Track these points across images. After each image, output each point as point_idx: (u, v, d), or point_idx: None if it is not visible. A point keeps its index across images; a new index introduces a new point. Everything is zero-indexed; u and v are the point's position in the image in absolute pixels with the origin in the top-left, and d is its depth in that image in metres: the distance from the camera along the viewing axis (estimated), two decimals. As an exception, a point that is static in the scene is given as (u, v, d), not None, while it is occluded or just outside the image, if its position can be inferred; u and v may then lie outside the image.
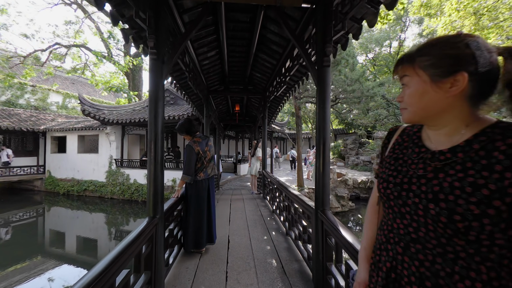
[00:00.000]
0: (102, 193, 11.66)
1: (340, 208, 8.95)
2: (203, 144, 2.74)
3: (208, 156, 2.78)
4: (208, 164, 2.77)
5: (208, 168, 2.78)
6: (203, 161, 2.71)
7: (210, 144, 2.86)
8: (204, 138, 2.81)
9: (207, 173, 2.77)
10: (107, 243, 7.97)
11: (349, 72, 7.07)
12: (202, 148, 2.70)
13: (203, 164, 2.72)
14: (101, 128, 11.50)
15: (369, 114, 10.28)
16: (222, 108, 8.04)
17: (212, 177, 2.88)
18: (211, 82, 5.46)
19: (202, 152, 2.70)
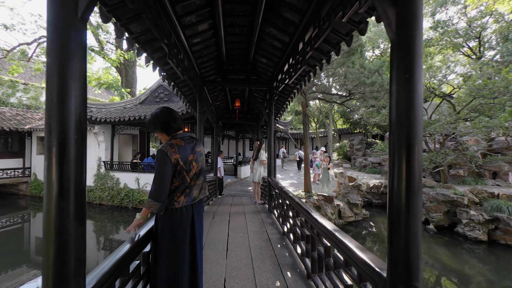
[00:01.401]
0: (90, 199, 10.68)
1: (354, 217, 7.95)
2: (187, 150, 1.72)
3: (195, 169, 1.76)
4: (194, 182, 1.76)
5: (194, 189, 1.76)
6: (184, 176, 1.69)
7: (199, 150, 1.84)
8: (189, 140, 1.80)
9: (192, 196, 1.74)
10: (95, 253, 7.26)
11: (367, 62, 6.12)
12: (184, 155, 1.68)
13: (185, 182, 1.70)
14: (89, 128, 10.51)
15: (382, 112, 9.26)
16: (220, 104, 7.05)
17: (201, 201, 1.86)
18: (205, 70, 4.47)
19: (184, 162, 1.67)
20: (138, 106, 11.04)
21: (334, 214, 7.69)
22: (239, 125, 9.65)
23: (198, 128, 4.51)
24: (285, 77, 3.56)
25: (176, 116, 1.79)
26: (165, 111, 1.78)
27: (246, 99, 6.27)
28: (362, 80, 6.26)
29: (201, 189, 1.82)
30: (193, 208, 1.75)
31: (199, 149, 1.82)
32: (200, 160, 1.82)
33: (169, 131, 1.77)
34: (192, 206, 1.74)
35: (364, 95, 6.93)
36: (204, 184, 1.86)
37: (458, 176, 9.43)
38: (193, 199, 1.74)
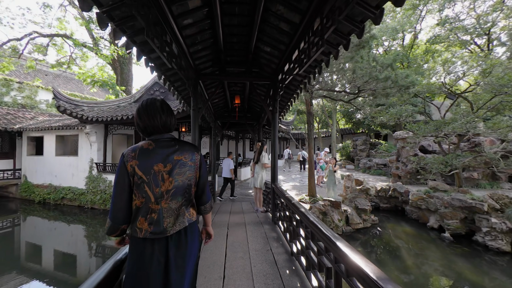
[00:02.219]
0: (81, 202, 10.13)
1: (362, 224, 7.39)
2: (154, 157, 1.21)
3: (166, 185, 1.21)
4: (165, 205, 1.21)
5: (165, 214, 1.21)
6: (146, 192, 1.18)
7: (180, 158, 1.26)
8: (166, 144, 1.26)
9: (162, 225, 1.19)
10: (87, 259, 6.78)
11: (379, 56, 5.58)
12: (145, 163, 1.18)
13: (148, 201, 1.19)
14: (80, 127, 9.96)
15: (391, 111, 8.69)
16: (219, 102, 6.48)
17: (178, 236, 1.23)
18: (201, 61, 3.91)
19: (144, 172, 1.18)
20: (132, 104, 10.47)
21: (341, 220, 7.12)
22: (239, 124, 9.09)
23: (192, 127, 3.95)
24: (293, 66, 2.99)
25: (149, 116, 1.25)
26: (143, 103, 1.29)
27: (247, 96, 5.70)
28: (374, 75, 5.70)
29: (178, 216, 1.23)
30: (167, 245, 1.18)
31: (179, 157, 1.25)
32: (180, 174, 1.24)
33: (142, 132, 1.29)
34: (165, 241, 1.18)
35: (375, 92, 6.37)
36: (183, 210, 1.26)
37: (472, 179, 8.89)
38: (163, 231, 1.18)
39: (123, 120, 8.75)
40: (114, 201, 1.18)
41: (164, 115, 1.27)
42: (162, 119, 1.26)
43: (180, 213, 1.24)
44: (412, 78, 5.99)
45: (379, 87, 5.92)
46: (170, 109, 1.33)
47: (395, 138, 10.88)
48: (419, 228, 7.72)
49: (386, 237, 7.19)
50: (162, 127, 1.27)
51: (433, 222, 7.52)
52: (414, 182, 10.53)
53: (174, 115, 1.34)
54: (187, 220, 1.26)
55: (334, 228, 6.91)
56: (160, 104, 1.29)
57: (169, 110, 1.31)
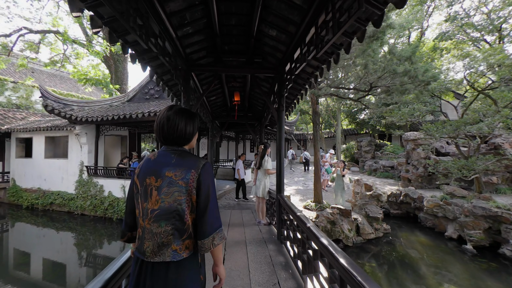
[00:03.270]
0: (71, 208, 9.49)
1: (374, 234, 6.73)
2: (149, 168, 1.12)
3: (152, 203, 1.07)
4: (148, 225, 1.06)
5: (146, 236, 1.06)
6: (138, 206, 1.11)
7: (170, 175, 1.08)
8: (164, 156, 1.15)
9: (142, 247, 1.06)
10: (77, 269, 6.37)
11: (396, 48, 4.96)
12: (142, 173, 1.12)
13: (138, 215, 1.12)
14: (69, 128, 9.33)
15: (402, 110, 8.05)
16: (216, 100, 5.85)
17: (158, 269, 1.03)
18: (193, 49, 3.28)
19: (140, 182, 1.11)
20: (125, 103, 9.85)
21: (351, 230, 6.47)
22: (239, 124, 8.45)
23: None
24: (308, 50, 2.35)
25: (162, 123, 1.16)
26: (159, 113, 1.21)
27: (247, 92, 5.06)
28: (391, 68, 5.06)
29: (161, 244, 1.04)
30: (147, 273, 1.04)
31: (170, 173, 1.08)
32: (167, 194, 1.06)
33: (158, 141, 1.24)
34: (148, 268, 1.04)
35: (389, 89, 5.72)
36: (170, 240, 1.04)
37: (490, 184, 8.22)
38: (143, 253, 1.06)
39: (114, 120, 8.12)
40: (125, 206, 1.21)
41: (168, 125, 1.15)
42: (173, 128, 1.15)
43: (164, 242, 1.04)
44: (433, 73, 5.35)
45: (396, 82, 5.28)
46: (182, 118, 1.17)
47: (405, 140, 10.23)
48: (435, 238, 7.06)
49: (400, 249, 6.53)
50: (164, 139, 1.18)
51: (451, 232, 6.87)
52: (426, 186, 9.88)
53: (188, 125, 1.18)
54: (171, 254, 1.03)
55: (344, 239, 6.26)
56: (169, 114, 1.16)
57: (185, 119, 1.17)
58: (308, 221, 2.18)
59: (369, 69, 5.87)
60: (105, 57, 12.87)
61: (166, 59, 2.48)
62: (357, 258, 6.12)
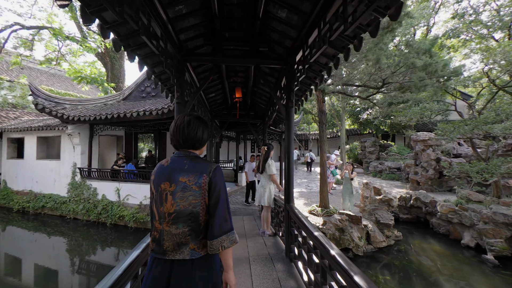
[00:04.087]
0: (63, 212, 9.03)
1: (386, 242, 6.26)
2: (163, 174, 1.19)
3: (167, 206, 1.13)
4: (167, 227, 1.13)
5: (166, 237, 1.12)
6: (153, 209, 1.19)
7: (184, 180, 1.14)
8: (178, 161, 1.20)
9: (162, 246, 1.12)
10: (69, 276, 6.07)
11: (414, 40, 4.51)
12: (157, 179, 1.20)
13: (153, 219, 1.19)
14: (61, 128, 8.87)
15: (413, 109, 7.57)
16: (216, 96, 5.38)
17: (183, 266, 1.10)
18: (188, 35, 2.81)
19: (155, 188, 1.19)
20: (121, 102, 9.39)
21: (362, 238, 6.00)
22: (240, 124, 7.97)
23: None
24: (330, 29, 1.87)
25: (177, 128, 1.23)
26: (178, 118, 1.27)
27: (250, 88, 4.59)
28: (410, 62, 4.59)
29: (180, 244, 1.10)
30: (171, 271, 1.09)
31: (184, 179, 1.14)
32: (182, 198, 1.12)
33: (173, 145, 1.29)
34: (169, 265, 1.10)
35: (403, 85, 5.25)
36: (188, 240, 1.10)
37: (507, 188, 7.76)
38: (163, 252, 1.12)
39: (107, 119, 7.65)
40: None
41: (188, 128, 1.23)
42: (188, 133, 1.22)
43: (182, 241, 1.12)
44: (456, 68, 4.87)
45: (414, 77, 4.80)
46: (200, 124, 1.26)
47: (414, 140, 9.74)
48: (451, 246, 6.58)
49: (414, 258, 6.06)
50: (183, 142, 1.24)
51: (468, 240, 6.39)
52: (436, 189, 9.41)
53: (205, 130, 1.28)
54: (189, 253, 1.11)
55: (354, 248, 5.78)
56: (188, 119, 1.24)
57: (199, 125, 1.25)
58: (332, 247, 1.71)
59: (381, 64, 5.39)
60: (101, 54, 12.41)
61: (152, 43, 2.01)
62: (368, 268, 5.65)
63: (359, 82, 6.57)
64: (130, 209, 7.98)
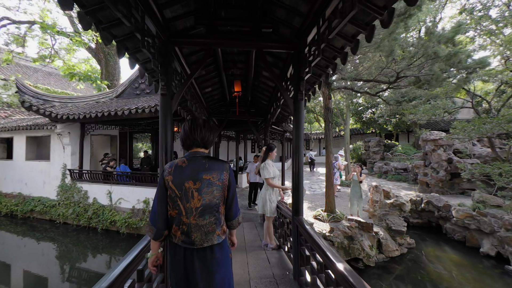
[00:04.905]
0: (52, 216, 8.52)
1: (399, 251, 5.74)
2: (185, 173, 1.36)
3: (194, 202, 1.34)
4: (194, 221, 1.33)
5: (194, 229, 1.32)
6: (179, 205, 1.34)
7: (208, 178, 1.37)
8: (197, 161, 1.40)
9: (190, 237, 1.32)
10: (59, 284, 5.78)
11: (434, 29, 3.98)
12: (178, 179, 1.34)
13: (181, 214, 1.34)
14: (51, 127, 8.35)
15: (424, 107, 7.05)
16: (213, 92, 4.86)
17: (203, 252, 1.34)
18: (174, 11, 2.29)
19: (177, 187, 1.34)
20: (114, 100, 8.87)
21: (373, 247, 5.49)
22: (240, 123, 7.46)
23: (161, 124, 2.34)
24: None
25: (191, 130, 1.44)
26: (189, 121, 1.48)
27: (251, 82, 4.07)
28: (432, 52, 4.08)
29: (207, 233, 1.34)
30: (195, 255, 1.34)
31: (207, 176, 1.36)
32: (207, 193, 1.35)
33: (183, 146, 1.49)
34: (193, 251, 1.34)
35: (420, 79, 4.73)
36: (214, 228, 1.36)
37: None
38: (192, 243, 1.33)
39: (98, 117, 7.14)
40: (156, 209, 1.37)
41: (204, 130, 1.45)
42: (201, 134, 1.44)
43: (209, 230, 1.34)
44: (482, 59, 4.34)
45: (436, 68, 4.27)
46: (210, 126, 1.49)
47: (424, 140, 9.22)
48: (468, 255, 6.07)
49: (430, 268, 5.54)
50: (201, 141, 1.45)
51: (488, 248, 5.88)
52: (447, 192, 8.89)
53: (213, 133, 1.51)
54: (216, 238, 1.36)
55: (365, 258, 5.27)
56: (202, 121, 1.48)
57: (208, 127, 1.47)
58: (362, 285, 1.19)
59: (395, 56, 4.87)
60: (95, 50, 11.89)
61: (120, 9, 1.49)
62: (380, 280, 5.15)
63: (368, 77, 6.04)
64: (122, 213, 7.48)
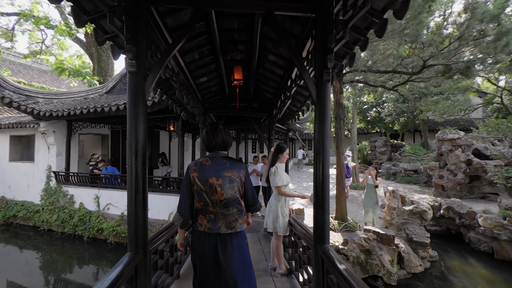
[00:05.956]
0: (36, 222, 7.83)
1: (422, 266, 5.02)
2: (209, 171, 1.59)
3: (218, 195, 1.57)
4: (220, 210, 1.58)
5: (220, 218, 1.58)
6: (205, 198, 1.58)
7: (230, 175, 1.60)
8: (219, 161, 1.65)
9: (217, 225, 1.57)
10: None
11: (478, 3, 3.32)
12: (202, 176, 1.58)
13: (208, 205, 1.59)
14: (33, 125, 7.66)
15: (444, 103, 6.35)
16: (209, 83, 4.15)
17: (224, 238, 1.57)
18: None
19: (202, 182, 1.57)
20: (104, 96, 8.17)
21: (393, 262, 4.78)
22: (240, 120, 6.75)
23: (131, 115, 1.63)
24: None
25: (213, 134, 1.68)
26: (210, 125, 1.73)
27: (254, 69, 3.36)
28: (476, 31, 3.38)
29: (231, 221, 1.59)
30: (218, 240, 1.56)
31: (229, 174, 1.60)
32: (229, 188, 1.59)
33: (206, 147, 1.73)
34: (216, 237, 1.57)
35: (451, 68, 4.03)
36: (237, 217, 1.61)
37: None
38: (217, 228, 1.57)
39: (83, 114, 6.44)
40: (184, 202, 1.60)
41: (224, 135, 1.70)
42: (222, 138, 1.69)
43: (233, 219, 1.59)
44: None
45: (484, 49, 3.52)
46: (229, 131, 1.77)
47: (440, 139, 8.51)
48: (499, 269, 5.36)
49: (458, 287, 4.83)
50: (222, 144, 1.69)
51: (523, 262, 5.17)
52: (466, 196, 8.17)
53: (231, 137, 1.79)
54: (239, 227, 1.61)
55: (386, 276, 4.55)
56: (223, 126, 1.72)
57: (228, 132, 1.74)
58: None
59: (419, 41, 4.16)
60: (87, 45, 11.19)
61: None
62: (402, 301, 4.45)
63: (386, 68, 5.33)
64: (110, 220, 6.77)
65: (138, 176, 1.65)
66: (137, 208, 1.64)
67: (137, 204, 1.64)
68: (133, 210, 1.64)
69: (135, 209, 1.64)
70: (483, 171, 7.75)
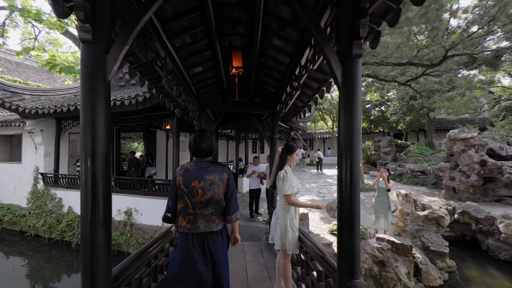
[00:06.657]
0: (22, 227, 7.35)
1: (441, 278, 4.55)
2: (192, 175, 1.67)
3: (199, 197, 1.65)
4: (199, 211, 1.65)
5: (199, 218, 1.66)
6: (186, 201, 1.66)
7: (211, 178, 1.67)
8: (202, 165, 1.72)
9: (196, 225, 1.65)
10: None
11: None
12: (186, 179, 1.66)
13: (187, 207, 1.66)
14: (19, 124, 7.18)
15: (456, 100, 5.88)
16: (205, 74, 3.67)
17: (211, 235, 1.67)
18: None
19: (185, 185, 1.66)
20: (95, 93, 7.69)
21: (410, 275, 4.30)
22: (240, 118, 6.26)
23: (85, 103, 1.13)
24: None
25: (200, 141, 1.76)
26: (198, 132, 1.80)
27: (255, 56, 2.88)
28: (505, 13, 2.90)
29: (208, 221, 1.67)
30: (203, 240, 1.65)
31: (210, 177, 1.67)
32: (210, 190, 1.66)
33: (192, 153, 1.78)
34: (199, 237, 1.65)
35: (476, 57, 3.56)
36: (214, 218, 1.68)
37: None
38: (197, 228, 1.65)
39: (70, 112, 5.96)
40: (170, 202, 1.73)
41: (211, 142, 1.78)
42: (209, 145, 1.77)
43: (210, 219, 1.67)
44: None
45: None
46: (214, 138, 1.85)
47: (451, 139, 8.04)
48: (524, 281, 4.89)
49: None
50: (208, 150, 1.76)
51: (551, 273, 4.70)
52: (480, 199, 7.70)
53: (216, 142, 1.90)
54: (215, 226, 1.67)
55: (402, 292, 4.08)
56: (210, 134, 1.81)
57: (214, 139, 1.82)
58: None
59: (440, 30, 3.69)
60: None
61: None
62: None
63: (398, 60, 4.85)
64: (100, 226, 6.31)
65: (97, 189, 1.17)
66: (93, 234, 1.16)
67: (95, 228, 1.16)
68: (88, 236, 1.16)
69: (90, 235, 1.16)
70: (499, 172, 7.29)
